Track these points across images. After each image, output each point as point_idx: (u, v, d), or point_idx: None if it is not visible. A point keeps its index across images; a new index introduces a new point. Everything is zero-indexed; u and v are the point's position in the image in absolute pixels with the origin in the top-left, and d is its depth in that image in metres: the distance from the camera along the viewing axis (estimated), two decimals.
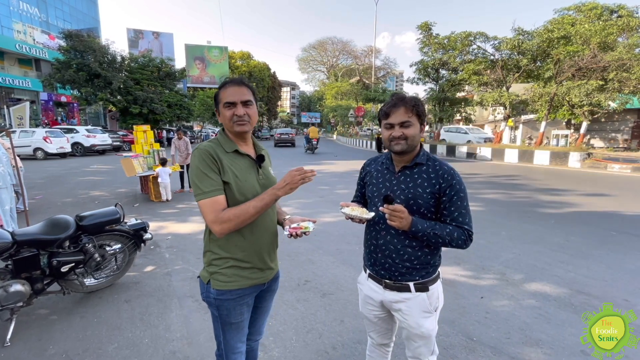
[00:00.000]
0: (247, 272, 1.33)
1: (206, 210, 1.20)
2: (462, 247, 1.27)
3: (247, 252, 1.31)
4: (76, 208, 6.08)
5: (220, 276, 1.30)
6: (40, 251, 2.56)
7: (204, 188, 1.20)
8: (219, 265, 1.31)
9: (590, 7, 17.00)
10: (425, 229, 1.23)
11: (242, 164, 1.31)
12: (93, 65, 21.64)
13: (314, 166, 13.36)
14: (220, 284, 1.30)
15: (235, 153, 1.30)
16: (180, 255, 3.99)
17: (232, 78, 1.33)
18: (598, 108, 15.09)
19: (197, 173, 1.22)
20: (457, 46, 19.59)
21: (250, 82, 1.35)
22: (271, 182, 1.40)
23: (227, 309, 1.32)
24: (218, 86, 1.36)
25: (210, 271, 1.32)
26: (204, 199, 1.20)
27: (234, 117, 1.27)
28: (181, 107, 27.14)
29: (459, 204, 1.27)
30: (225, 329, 1.36)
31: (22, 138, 14.95)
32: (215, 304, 1.32)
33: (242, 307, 1.35)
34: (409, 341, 1.41)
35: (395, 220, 1.21)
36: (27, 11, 26.42)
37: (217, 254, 1.31)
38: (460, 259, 3.82)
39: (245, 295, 1.34)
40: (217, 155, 1.24)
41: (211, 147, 1.26)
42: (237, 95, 1.27)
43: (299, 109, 77.63)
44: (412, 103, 1.27)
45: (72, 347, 2.29)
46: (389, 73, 61.86)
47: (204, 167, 1.21)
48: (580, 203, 6.83)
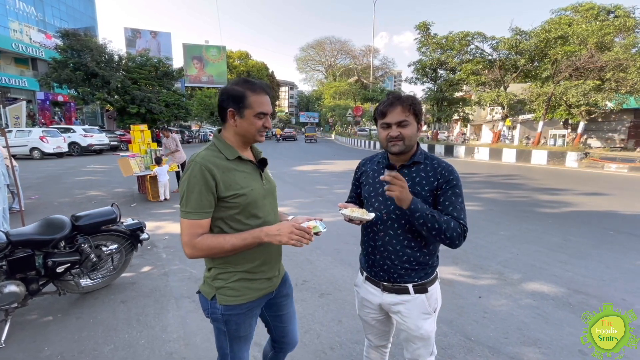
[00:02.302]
0: (256, 284, 1.27)
1: (184, 230, 1.14)
2: (455, 242, 1.19)
3: (256, 262, 1.25)
4: (73, 208, 6.04)
5: (228, 290, 1.23)
6: (35, 251, 2.53)
7: (188, 208, 1.13)
8: (225, 279, 1.23)
9: (587, 8, 17.08)
10: (424, 209, 1.18)
11: (246, 170, 1.24)
12: (90, 64, 21.55)
13: (313, 166, 13.36)
14: (229, 299, 1.23)
15: (237, 160, 1.22)
16: (178, 255, 3.96)
17: (263, 83, 1.25)
18: (595, 108, 15.16)
19: (189, 187, 1.13)
20: (455, 46, 19.64)
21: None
22: (273, 185, 1.36)
23: (237, 324, 1.26)
24: (237, 82, 1.23)
25: (216, 286, 1.24)
26: (185, 219, 1.14)
27: (262, 128, 1.23)
28: (179, 106, 27.07)
29: (454, 199, 1.25)
30: (233, 343, 1.30)
31: (18, 137, 14.86)
32: (223, 319, 1.25)
33: (252, 319, 1.31)
34: (408, 343, 1.40)
35: (395, 189, 1.15)
36: (24, 10, 26.27)
37: (222, 268, 1.24)
38: (459, 259, 3.82)
39: (254, 307, 1.30)
40: (216, 171, 1.14)
41: (209, 161, 1.15)
42: (269, 107, 1.23)
43: (297, 109, 77.54)
44: (409, 102, 1.25)
45: (68, 349, 2.27)
46: (387, 73, 61.96)
47: (196, 184, 1.12)
48: (578, 203, 6.85)
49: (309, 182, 9.40)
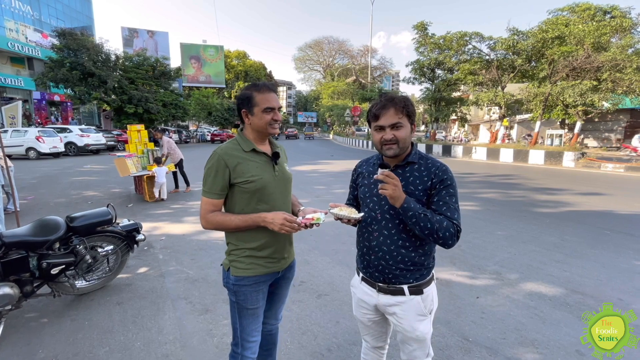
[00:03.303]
0: (262, 261, 1.45)
1: (202, 206, 1.41)
2: (448, 242, 1.18)
3: (261, 242, 1.43)
4: (69, 209, 6.00)
5: (238, 264, 1.44)
6: (29, 253, 2.50)
7: (206, 188, 1.39)
8: (236, 254, 1.45)
9: (584, 8, 17.18)
10: (417, 209, 1.18)
11: (260, 161, 1.43)
12: (87, 64, 21.43)
13: (311, 166, 13.34)
14: (238, 270, 1.43)
15: (252, 152, 1.42)
16: (174, 256, 3.94)
17: (267, 83, 1.45)
18: (592, 108, 15.25)
19: (207, 172, 1.39)
20: (453, 46, 19.70)
21: (246, 82, 1.37)
22: (287, 176, 1.54)
23: (244, 295, 1.44)
24: (246, 87, 1.45)
25: (230, 259, 1.47)
26: (204, 196, 1.40)
27: (271, 121, 1.41)
28: (176, 106, 26.98)
29: (448, 199, 1.24)
30: (242, 315, 1.47)
31: (14, 137, 14.75)
32: (233, 289, 1.45)
33: (258, 294, 1.47)
34: (404, 344, 1.39)
35: (388, 188, 1.16)
36: (20, 9, 26.07)
37: (235, 245, 1.45)
38: (456, 259, 3.82)
39: (260, 282, 1.46)
40: (231, 161, 1.36)
41: (227, 153, 1.38)
42: (276, 102, 1.42)
43: (295, 109, 77.47)
44: (401, 103, 1.24)
45: (63, 351, 2.24)
46: (385, 73, 61.98)
47: (214, 170, 1.37)
48: (574, 202, 6.87)
49: (307, 182, 9.39)
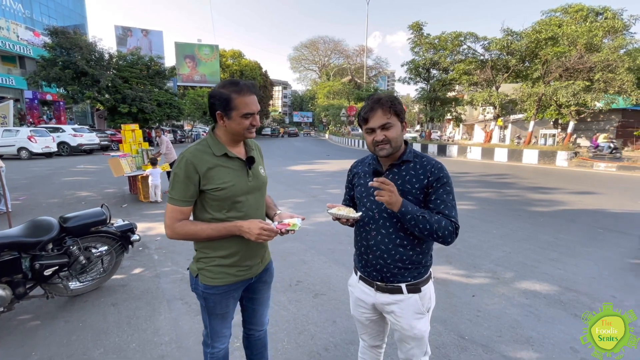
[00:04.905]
0: (233, 270, 1.37)
1: (167, 213, 1.30)
2: (447, 240, 1.20)
3: (230, 250, 1.35)
4: (62, 209, 5.92)
5: (206, 272, 1.37)
6: (22, 254, 2.46)
7: (173, 194, 1.28)
8: (205, 262, 1.37)
9: (577, 9, 17.37)
10: (415, 211, 1.19)
11: (232, 167, 1.32)
12: (80, 62, 21.16)
13: (307, 165, 13.33)
14: (207, 279, 1.37)
15: (224, 156, 1.31)
16: (170, 256, 3.91)
17: (247, 83, 1.28)
18: (584, 108, 15.42)
19: (175, 177, 1.27)
20: (448, 46, 19.82)
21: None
22: (261, 181, 1.42)
23: (214, 302, 1.39)
24: (223, 84, 1.28)
25: (198, 267, 1.39)
26: (170, 204, 1.29)
27: (250, 127, 1.30)
28: (171, 106, 26.73)
29: (445, 197, 1.25)
30: (212, 318, 1.44)
31: (5, 137, 14.54)
32: (202, 296, 1.39)
33: (228, 300, 1.42)
34: (402, 343, 1.39)
35: (384, 195, 1.16)
36: (11, 7, 25.64)
37: (204, 253, 1.37)
38: (452, 258, 3.84)
39: (231, 290, 1.40)
40: (200, 166, 1.25)
41: (196, 156, 1.26)
42: (256, 106, 1.30)
43: (290, 108, 77.45)
44: (388, 104, 1.24)
45: (57, 353, 2.21)
46: (380, 72, 62.22)
47: (181, 175, 1.25)
48: (568, 201, 6.95)
49: (302, 182, 9.38)
